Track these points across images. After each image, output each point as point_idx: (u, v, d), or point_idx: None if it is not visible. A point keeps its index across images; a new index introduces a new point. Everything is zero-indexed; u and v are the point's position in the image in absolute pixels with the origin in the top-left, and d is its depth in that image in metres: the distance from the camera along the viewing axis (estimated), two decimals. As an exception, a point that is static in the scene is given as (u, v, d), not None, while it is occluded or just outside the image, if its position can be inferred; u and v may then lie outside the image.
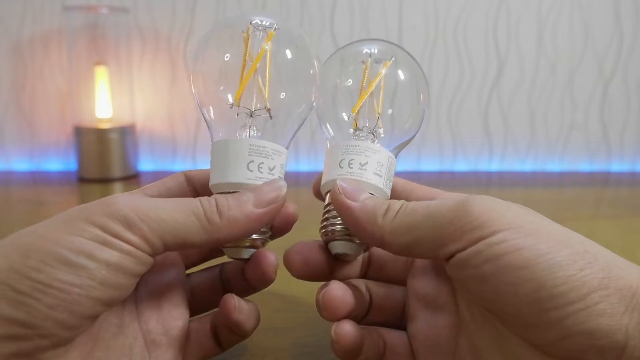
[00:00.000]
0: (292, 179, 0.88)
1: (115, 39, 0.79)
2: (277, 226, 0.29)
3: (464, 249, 0.22)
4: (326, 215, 0.29)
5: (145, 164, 0.86)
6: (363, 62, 0.32)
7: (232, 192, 0.26)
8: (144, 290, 0.27)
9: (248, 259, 0.28)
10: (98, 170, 0.78)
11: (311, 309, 0.34)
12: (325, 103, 0.33)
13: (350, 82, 0.32)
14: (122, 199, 0.23)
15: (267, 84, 0.29)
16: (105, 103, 0.79)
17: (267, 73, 0.29)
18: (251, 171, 0.26)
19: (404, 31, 0.85)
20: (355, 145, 0.29)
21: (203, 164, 0.88)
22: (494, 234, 0.21)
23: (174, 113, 0.85)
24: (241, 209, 0.24)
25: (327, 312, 0.26)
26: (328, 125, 0.33)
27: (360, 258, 0.31)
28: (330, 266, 0.29)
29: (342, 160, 0.29)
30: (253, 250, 0.28)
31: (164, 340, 0.26)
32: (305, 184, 0.79)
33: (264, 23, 0.29)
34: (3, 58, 0.82)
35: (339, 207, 0.26)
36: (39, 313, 0.20)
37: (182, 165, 0.87)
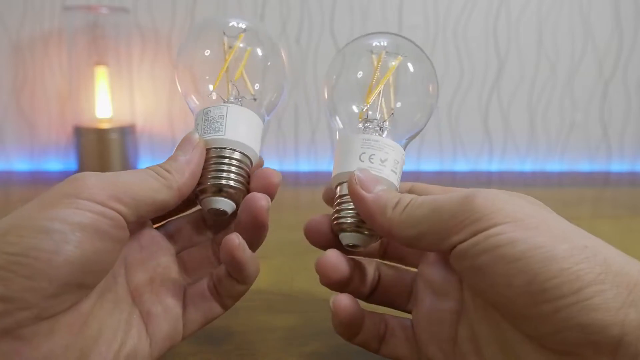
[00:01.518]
0: (292, 179, 0.88)
1: (115, 39, 0.79)
2: (257, 186, 0.30)
3: (463, 240, 0.22)
4: (337, 208, 0.30)
5: (145, 164, 0.86)
6: (374, 54, 0.32)
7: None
8: (135, 267, 0.28)
9: (226, 212, 0.29)
10: (98, 170, 0.77)
11: (312, 309, 0.35)
12: (336, 95, 0.33)
13: (360, 74, 0.33)
14: (89, 173, 0.24)
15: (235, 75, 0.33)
16: (105, 103, 0.79)
17: (241, 68, 0.33)
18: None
19: (404, 31, 0.85)
20: (376, 140, 0.30)
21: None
22: (492, 227, 0.21)
23: (174, 113, 0.85)
24: (176, 158, 0.28)
25: (321, 278, 0.28)
26: (337, 118, 0.33)
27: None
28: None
29: (362, 154, 0.29)
30: (229, 202, 0.29)
31: (160, 310, 0.27)
32: (305, 184, 0.78)
33: (239, 25, 0.33)
34: (3, 58, 0.81)
35: (353, 196, 0.27)
36: (17, 285, 0.20)
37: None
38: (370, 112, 0.32)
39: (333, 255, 0.28)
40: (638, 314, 0.19)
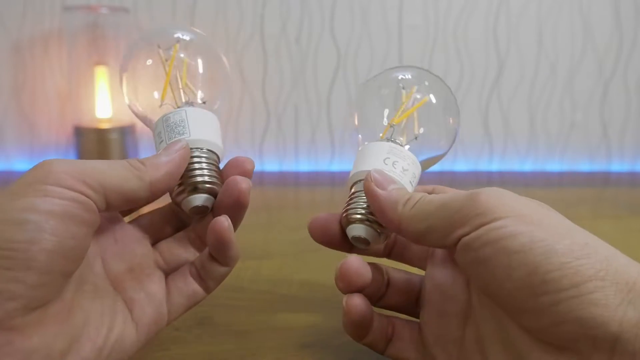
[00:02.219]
0: (292, 178, 0.88)
1: (115, 39, 0.79)
2: (232, 173, 0.30)
3: (467, 233, 0.23)
4: (349, 201, 0.30)
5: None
6: (404, 89, 0.34)
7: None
8: (111, 257, 0.28)
9: (207, 207, 0.29)
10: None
11: (312, 309, 0.35)
12: (363, 118, 0.36)
13: (386, 105, 0.35)
14: (57, 160, 0.24)
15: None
16: (105, 103, 0.79)
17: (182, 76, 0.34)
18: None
19: (404, 31, 0.85)
20: (401, 150, 0.31)
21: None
22: (495, 220, 0.22)
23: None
24: (157, 157, 0.27)
25: (343, 283, 0.28)
26: (360, 136, 0.35)
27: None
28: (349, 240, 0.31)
29: (387, 158, 0.31)
30: (208, 197, 0.29)
31: (142, 296, 0.27)
32: (305, 184, 0.79)
33: (183, 37, 0.34)
34: (3, 58, 0.81)
35: (367, 192, 0.28)
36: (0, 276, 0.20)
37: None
38: (393, 134, 0.33)
39: (356, 261, 0.28)
40: (636, 312, 0.19)
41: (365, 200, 0.29)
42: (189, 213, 0.30)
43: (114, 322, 0.25)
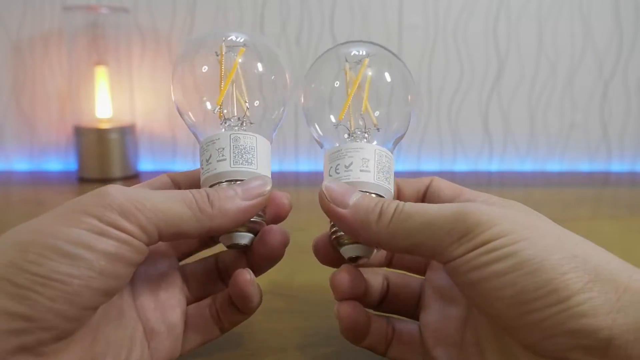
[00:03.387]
0: (292, 179, 0.88)
1: (115, 39, 0.79)
2: (270, 215, 0.30)
3: (455, 258, 0.23)
4: (332, 222, 0.29)
5: (145, 164, 0.86)
6: (347, 62, 0.32)
7: (218, 183, 0.28)
8: (140, 281, 0.27)
9: (247, 245, 0.28)
10: (98, 170, 0.78)
11: (312, 309, 0.35)
12: (314, 105, 0.33)
13: (337, 84, 0.32)
14: (116, 190, 0.23)
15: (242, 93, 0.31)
16: (105, 103, 0.79)
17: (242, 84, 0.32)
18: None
19: (404, 31, 0.85)
20: (337, 151, 0.30)
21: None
22: (484, 244, 0.22)
23: (174, 113, 0.85)
24: (231, 200, 0.25)
25: (335, 293, 0.28)
26: (317, 125, 0.33)
27: None
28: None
29: (330, 168, 0.29)
30: (251, 236, 0.28)
31: (163, 328, 0.27)
32: (305, 184, 0.79)
33: (238, 40, 0.32)
34: (3, 58, 0.82)
35: (330, 215, 0.27)
36: (41, 306, 0.20)
37: (182, 165, 0.87)
38: (348, 122, 0.31)
39: (346, 274, 0.28)
40: (626, 319, 0.19)
41: None
42: (226, 246, 0.29)
43: (132, 352, 0.25)
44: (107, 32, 0.78)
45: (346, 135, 0.32)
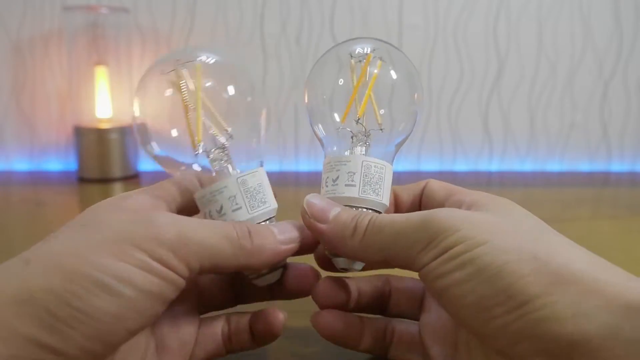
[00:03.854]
0: (292, 179, 0.88)
1: (115, 39, 0.79)
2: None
3: (423, 266, 0.23)
4: None
5: (145, 164, 0.86)
6: (353, 58, 0.31)
7: (262, 222, 0.28)
8: None
9: (279, 278, 0.29)
10: (98, 170, 0.78)
11: (312, 309, 0.34)
12: (317, 104, 0.32)
13: (341, 81, 0.32)
14: (165, 220, 0.23)
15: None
16: (105, 103, 0.79)
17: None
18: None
19: (404, 31, 0.85)
20: (327, 163, 0.30)
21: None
22: (446, 251, 0.22)
23: (174, 113, 0.85)
24: (269, 241, 0.25)
25: (318, 304, 0.28)
26: (320, 126, 0.32)
27: None
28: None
29: (323, 180, 0.29)
30: (281, 271, 0.29)
31: (175, 345, 0.27)
32: (305, 184, 0.79)
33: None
34: (3, 58, 0.82)
35: (311, 231, 0.27)
36: (74, 342, 0.19)
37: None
38: (353, 122, 0.31)
39: (325, 286, 0.28)
40: (590, 325, 0.19)
41: None
42: (259, 285, 0.29)
43: None
44: (107, 32, 0.78)
45: (351, 138, 0.31)
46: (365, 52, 0.31)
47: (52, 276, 0.20)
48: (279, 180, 0.81)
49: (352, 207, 0.28)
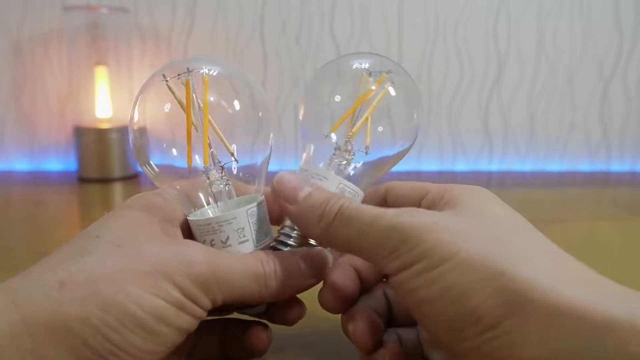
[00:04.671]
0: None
1: (115, 39, 0.79)
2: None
3: (391, 274, 0.22)
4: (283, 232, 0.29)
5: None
6: (371, 76, 0.30)
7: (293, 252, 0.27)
8: None
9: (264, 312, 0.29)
10: (98, 170, 0.78)
11: (311, 309, 0.34)
12: (313, 120, 0.31)
13: (338, 98, 0.30)
14: (198, 254, 0.23)
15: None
16: (105, 103, 0.79)
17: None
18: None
19: (404, 31, 0.85)
20: (310, 171, 0.28)
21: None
22: (411, 265, 0.21)
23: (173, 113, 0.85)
24: (295, 280, 0.25)
25: (329, 309, 0.28)
26: (309, 134, 0.31)
27: None
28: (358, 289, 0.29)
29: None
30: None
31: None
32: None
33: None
34: (3, 58, 0.81)
35: (281, 206, 0.26)
36: None
37: (181, 164, 0.87)
38: (344, 139, 0.29)
39: (329, 293, 0.27)
40: (562, 345, 0.18)
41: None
42: (249, 314, 0.29)
43: None
44: (107, 32, 0.78)
45: (334, 150, 0.30)
46: (380, 71, 0.29)
47: (88, 305, 0.19)
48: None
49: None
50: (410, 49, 0.86)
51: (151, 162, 0.28)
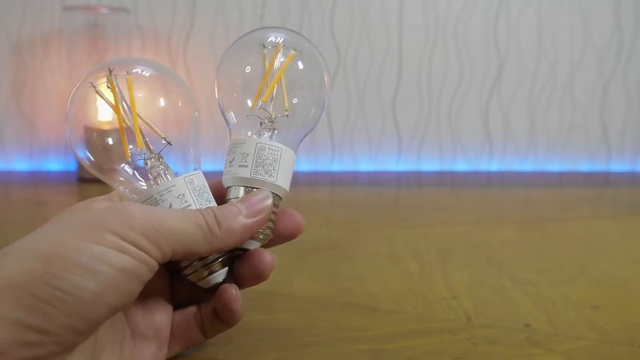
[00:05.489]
0: (292, 178, 0.87)
1: (115, 39, 0.79)
2: (284, 233, 0.31)
3: None
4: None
5: (145, 164, 0.86)
6: (265, 49, 0.32)
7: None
8: None
9: (226, 278, 0.29)
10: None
11: (312, 309, 0.35)
12: (228, 92, 0.33)
13: (248, 69, 0.32)
14: (136, 208, 0.24)
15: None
16: (105, 103, 0.79)
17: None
18: (182, 204, 0.28)
19: (404, 31, 0.85)
20: (228, 146, 0.30)
21: (203, 164, 0.87)
22: None
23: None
24: (236, 220, 0.26)
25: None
26: (232, 114, 0.33)
27: None
28: None
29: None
30: (224, 272, 0.29)
31: (150, 333, 0.27)
32: (305, 184, 0.79)
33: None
34: (3, 58, 0.82)
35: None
36: (57, 320, 0.20)
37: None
38: (262, 109, 0.31)
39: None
40: None
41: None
42: (205, 288, 0.29)
43: (122, 355, 0.26)
44: (107, 32, 0.78)
45: (260, 125, 0.32)
46: (278, 41, 0.32)
47: (30, 262, 0.21)
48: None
49: (246, 187, 0.29)
50: (410, 49, 0.86)
51: (87, 153, 0.30)
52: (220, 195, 0.30)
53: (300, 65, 0.32)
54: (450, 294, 0.40)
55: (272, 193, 0.29)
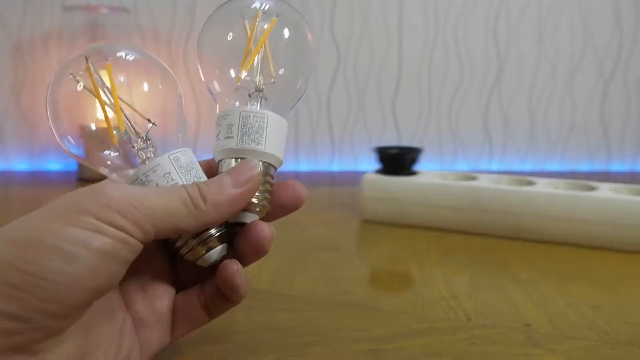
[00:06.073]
0: (292, 178, 0.88)
1: (115, 39, 0.79)
2: (285, 204, 0.30)
3: None
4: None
5: (145, 164, 0.87)
6: (246, 20, 0.31)
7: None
8: (128, 274, 0.27)
9: (225, 255, 0.28)
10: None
11: (312, 309, 0.35)
12: (211, 60, 0.32)
13: (230, 36, 0.31)
14: (113, 187, 0.23)
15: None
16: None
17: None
18: (169, 182, 0.28)
19: (404, 31, 0.85)
20: (216, 120, 0.30)
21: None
22: None
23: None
24: (222, 192, 0.25)
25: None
26: (215, 83, 0.32)
27: None
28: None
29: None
30: (219, 250, 0.28)
31: (152, 319, 0.27)
32: (305, 184, 0.78)
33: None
34: (3, 58, 0.82)
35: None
36: (33, 306, 0.20)
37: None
38: (248, 79, 0.31)
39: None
40: None
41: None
42: (205, 266, 0.28)
43: (122, 344, 0.25)
44: (107, 32, 0.78)
45: (248, 96, 0.31)
46: (263, 7, 0.31)
47: (4, 249, 0.20)
48: (279, 180, 0.81)
49: (236, 159, 0.28)
50: (410, 49, 0.86)
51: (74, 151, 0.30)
52: (216, 173, 0.29)
53: (284, 31, 0.31)
54: (450, 294, 0.40)
55: (264, 162, 0.28)
